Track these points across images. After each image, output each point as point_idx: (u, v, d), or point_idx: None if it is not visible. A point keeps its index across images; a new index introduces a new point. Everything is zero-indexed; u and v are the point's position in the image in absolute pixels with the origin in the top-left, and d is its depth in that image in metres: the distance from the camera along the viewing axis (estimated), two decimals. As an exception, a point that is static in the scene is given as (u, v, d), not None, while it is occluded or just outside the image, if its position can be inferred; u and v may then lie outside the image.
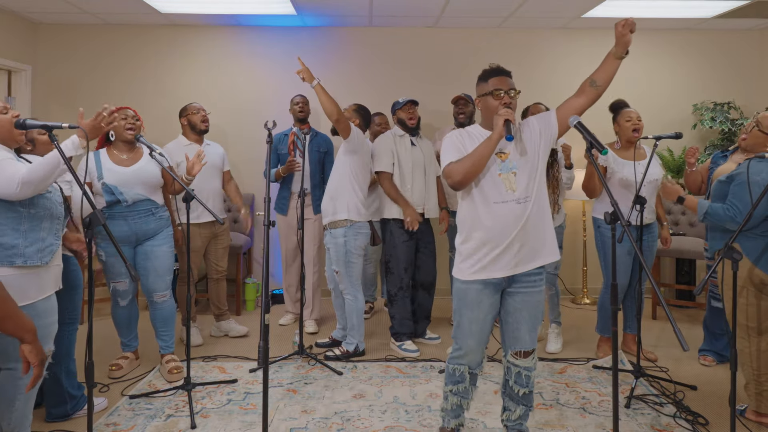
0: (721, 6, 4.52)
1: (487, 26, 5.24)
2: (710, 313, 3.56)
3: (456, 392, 2.46)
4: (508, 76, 2.34)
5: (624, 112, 3.52)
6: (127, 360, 3.46)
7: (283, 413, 2.91)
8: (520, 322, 2.34)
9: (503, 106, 2.26)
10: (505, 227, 2.25)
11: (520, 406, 2.45)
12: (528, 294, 2.33)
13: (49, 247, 2.27)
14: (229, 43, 5.23)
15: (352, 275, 3.63)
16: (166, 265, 3.33)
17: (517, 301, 2.33)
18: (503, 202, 2.26)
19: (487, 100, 2.32)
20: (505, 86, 2.30)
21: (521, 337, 2.36)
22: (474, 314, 2.33)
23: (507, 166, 2.27)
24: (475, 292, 2.32)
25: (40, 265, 2.22)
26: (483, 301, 2.32)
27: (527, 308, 2.33)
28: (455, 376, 2.45)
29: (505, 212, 2.25)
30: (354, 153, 3.55)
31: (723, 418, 2.84)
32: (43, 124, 2.16)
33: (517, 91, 2.32)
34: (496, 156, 2.27)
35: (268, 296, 2.33)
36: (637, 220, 3.30)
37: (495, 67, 2.37)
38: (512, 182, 2.26)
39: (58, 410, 2.80)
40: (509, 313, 2.36)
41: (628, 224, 1.96)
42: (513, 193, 2.25)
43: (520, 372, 2.39)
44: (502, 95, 2.28)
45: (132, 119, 3.25)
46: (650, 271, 1.96)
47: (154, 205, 3.29)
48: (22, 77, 4.99)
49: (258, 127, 5.03)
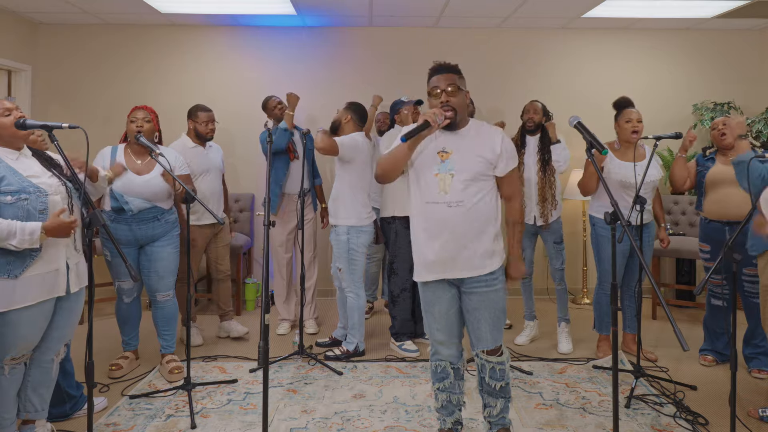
0: (721, 6, 4.52)
1: (487, 26, 5.24)
2: (710, 313, 3.56)
3: (443, 389, 2.45)
4: (449, 72, 2.27)
5: (625, 113, 3.52)
6: (127, 360, 3.46)
7: (283, 413, 2.91)
8: (480, 321, 2.33)
9: (441, 104, 2.22)
10: (435, 228, 2.25)
11: (500, 400, 2.43)
12: (483, 294, 2.30)
13: (21, 261, 2.19)
14: (229, 43, 5.23)
15: (354, 273, 3.64)
16: (169, 266, 3.33)
17: (473, 301, 2.32)
18: (434, 203, 2.24)
19: (429, 99, 2.30)
20: (443, 83, 2.24)
21: (483, 336, 2.34)
22: (435, 309, 2.36)
23: (446, 166, 2.24)
24: (429, 290, 2.36)
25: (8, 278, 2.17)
26: (440, 296, 2.35)
27: (485, 307, 2.31)
28: (437, 372, 2.45)
29: (436, 213, 2.24)
30: (349, 162, 3.58)
31: (723, 418, 2.84)
32: (43, 124, 2.17)
33: (456, 86, 2.23)
34: (438, 155, 2.25)
35: (268, 296, 2.33)
36: (637, 220, 3.32)
37: (434, 65, 2.32)
38: (447, 184, 2.22)
39: (57, 410, 2.79)
40: (468, 312, 2.35)
41: (628, 224, 1.96)
42: (445, 195, 2.22)
43: (493, 367, 2.38)
44: (439, 92, 2.24)
45: (142, 120, 3.23)
46: (649, 270, 1.95)
47: (160, 211, 3.28)
48: (22, 77, 4.99)
49: (258, 127, 5.02)
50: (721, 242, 3.36)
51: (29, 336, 2.28)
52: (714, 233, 3.42)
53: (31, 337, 2.30)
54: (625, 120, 3.50)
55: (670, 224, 4.93)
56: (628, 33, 5.26)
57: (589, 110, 5.10)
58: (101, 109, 5.18)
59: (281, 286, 4.24)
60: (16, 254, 2.18)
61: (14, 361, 2.29)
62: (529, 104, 3.88)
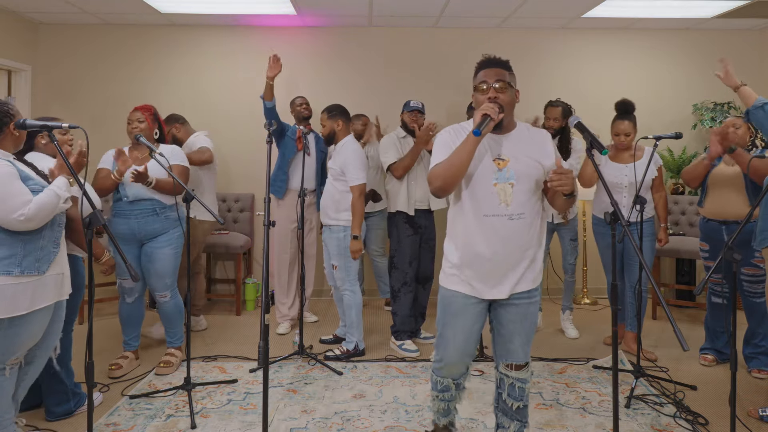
0: (721, 6, 4.52)
1: (487, 26, 5.24)
2: (710, 312, 3.57)
3: (443, 399, 2.31)
4: (499, 66, 2.10)
5: (615, 124, 3.65)
6: (127, 360, 3.46)
7: (283, 413, 2.91)
8: (514, 334, 2.16)
9: (488, 100, 2.03)
10: (494, 244, 2.05)
11: (515, 422, 2.26)
12: (523, 306, 2.14)
13: (47, 257, 2.26)
14: (229, 43, 5.22)
15: (350, 270, 3.65)
16: (166, 267, 3.34)
17: (510, 313, 2.14)
18: (494, 215, 2.04)
19: (475, 95, 2.12)
20: (491, 78, 2.07)
21: (514, 350, 2.18)
22: (458, 324, 2.14)
23: (504, 175, 2.05)
24: (461, 299, 2.14)
25: (38, 275, 2.21)
26: (469, 309, 2.13)
27: (521, 321, 2.15)
28: (438, 386, 2.28)
29: (496, 227, 2.05)
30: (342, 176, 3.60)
31: (723, 418, 2.84)
32: (43, 124, 2.17)
33: (505, 82, 2.06)
34: (494, 162, 2.05)
35: (268, 296, 2.33)
36: (637, 219, 3.35)
37: (485, 58, 2.15)
38: (508, 195, 2.04)
39: (61, 408, 2.81)
40: (502, 324, 2.17)
41: (627, 224, 1.96)
42: (506, 208, 2.03)
43: (513, 384, 2.21)
44: (486, 88, 2.06)
45: (136, 122, 3.31)
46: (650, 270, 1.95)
47: (159, 204, 3.30)
48: (22, 77, 4.99)
49: (258, 127, 5.03)
50: (719, 241, 3.38)
51: (37, 335, 2.31)
52: (712, 232, 3.44)
53: (38, 336, 2.32)
54: (615, 133, 3.64)
55: (670, 224, 4.93)
56: (628, 33, 5.26)
57: (589, 110, 5.10)
58: (101, 109, 5.17)
59: (282, 284, 4.26)
60: (43, 251, 2.24)
61: (16, 361, 2.30)
62: (549, 109, 3.94)
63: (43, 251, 2.25)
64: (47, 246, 2.27)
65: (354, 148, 3.60)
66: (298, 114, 4.37)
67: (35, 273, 2.20)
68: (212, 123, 5.17)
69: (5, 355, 2.21)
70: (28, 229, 2.17)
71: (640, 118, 3.88)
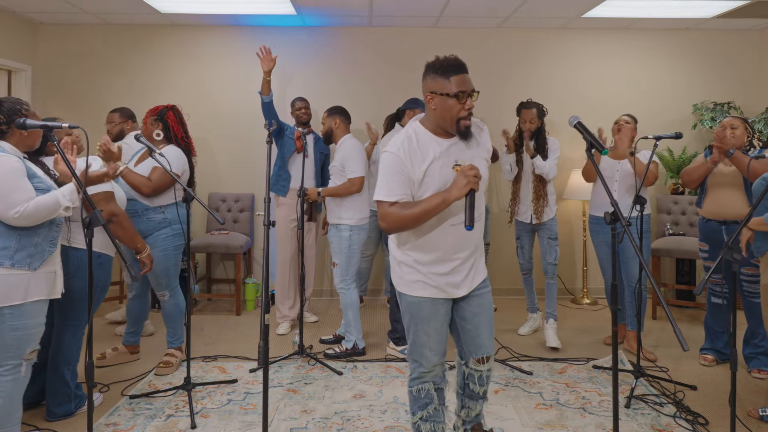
0: (721, 6, 4.52)
1: (487, 26, 5.23)
2: (710, 312, 3.57)
3: (427, 418, 2.19)
4: (467, 71, 2.05)
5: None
6: (116, 352, 3.53)
7: (283, 413, 2.91)
8: (480, 326, 2.21)
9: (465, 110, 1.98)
10: (459, 248, 2.10)
11: (480, 401, 2.35)
12: (483, 296, 2.21)
13: (41, 254, 2.30)
14: (229, 43, 5.22)
15: (350, 268, 3.68)
16: (159, 267, 3.31)
17: (473, 306, 2.20)
18: (460, 223, 2.03)
19: (446, 101, 2.00)
20: (469, 88, 1.99)
21: (483, 342, 2.22)
22: (431, 326, 2.14)
23: None
24: (429, 304, 2.14)
25: (28, 270, 2.25)
26: (438, 310, 2.15)
27: (484, 311, 2.21)
28: (420, 398, 2.20)
29: (460, 234, 2.08)
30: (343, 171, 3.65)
31: (723, 418, 2.84)
32: (43, 124, 2.17)
33: (477, 91, 2.02)
34: (453, 170, 2.01)
35: (268, 296, 2.33)
36: (637, 220, 3.36)
37: (454, 62, 2.06)
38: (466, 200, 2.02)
39: (62, 409, 2.81)
40: (467, 319, 2.21)
41: (628, 224, 1.96)
42: None
43: (481, 375, 2.27)
44: (463, 98, 1.97)
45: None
46: (649, 269, 1.95)
47: (142, 206, 3.28)
48: (22, 77, 4.99)
49: (258, 127, 5.03)
50: (719, 241, 3.38)
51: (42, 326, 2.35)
52: (711, 233, 3.44)
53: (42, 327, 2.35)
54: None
55: (670, 224, 4.94)
56: (628, 33, 5.26)
57: (589, 110, 5.10)
58: (101, 109, 5.16)
59: (282, 285, 4.26)
60: (37, 248, 2.28)
61: (33, 354, 2.34)
62: (524, 112, 3.84)
63: (37, 248, 2.29)
64: (42, 243, 2.31)
65: (353, 143, 3.67)
66: (297, 118, 4.36)
67: (25, 268, 2.24)
68: (212, 123, 5.18)
69: (20, 347, 2.27)
70: (22, 225, 2.22)
71: (641, 118, 3.89)
